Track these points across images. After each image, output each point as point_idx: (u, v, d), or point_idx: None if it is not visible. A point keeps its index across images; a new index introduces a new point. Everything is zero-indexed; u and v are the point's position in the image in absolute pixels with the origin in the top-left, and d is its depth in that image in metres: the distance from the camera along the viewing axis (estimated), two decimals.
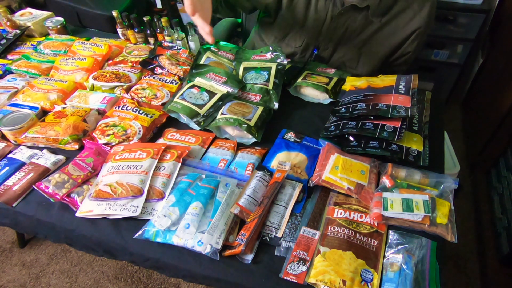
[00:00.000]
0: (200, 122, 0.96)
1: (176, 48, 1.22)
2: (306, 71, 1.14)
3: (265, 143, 0.95)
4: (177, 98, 1.00)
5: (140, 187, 0.79)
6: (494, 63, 1.91)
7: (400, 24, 1.05)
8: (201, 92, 1.02)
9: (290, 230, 0.75)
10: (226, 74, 1.06)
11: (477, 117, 2.03)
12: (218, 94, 1.02)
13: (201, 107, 0.98)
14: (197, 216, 0.73)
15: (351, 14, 1.05)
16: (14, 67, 1.18)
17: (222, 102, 1.00)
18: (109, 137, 0.92)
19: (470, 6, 1.83)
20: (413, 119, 0.95)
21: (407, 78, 0.97)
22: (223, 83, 1.04)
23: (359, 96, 0.97)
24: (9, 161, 0.89)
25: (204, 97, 1.00)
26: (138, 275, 1.51)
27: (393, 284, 0.65)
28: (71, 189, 0.81)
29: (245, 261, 0.71)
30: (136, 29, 1.32)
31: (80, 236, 0.78)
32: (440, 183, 0.80)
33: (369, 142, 0.87)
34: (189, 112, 0.97)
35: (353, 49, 1.12)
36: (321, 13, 1.09)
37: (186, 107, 0.97)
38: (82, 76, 1.14)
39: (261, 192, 0.80)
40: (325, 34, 1.12)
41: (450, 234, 0.72)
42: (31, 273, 1.52)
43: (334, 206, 0.79)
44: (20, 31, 1.34)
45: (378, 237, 0.73)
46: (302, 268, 0.68)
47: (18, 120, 0.95)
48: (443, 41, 1.99)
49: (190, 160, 0.89)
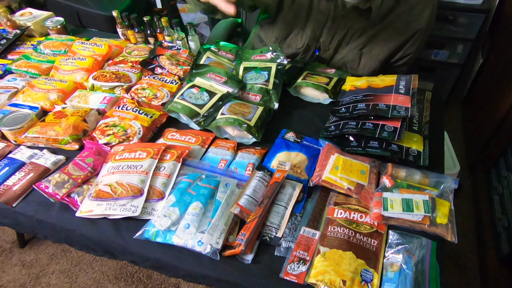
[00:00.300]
0: (200, 122, 0.96)
1: (176, 48, 1.22)
2: (306, 71, 1.14)
3: (265, 143, 0.95)
4: (177, 98, 1.00)
5: (140, 187, 0.79)
6: (494, 63, 1.91)
7: (401, 25, 1.05)
8: (201, 92, 1.02)
9: (290, 230, 0.75)
10: (226, 74, 1.06)
11: (477, 117, 2.03)
12: (218, 94, 1.02)
13: (201, 107, 0.98)
14: (197, 216, 0.73)
15: (353, 15, 1.05)
16: (14, 67, 1.18)
17: (222, 102, 1.00)
18: (109, 137, 0.92)
19: (470, 6, 1.83)
20: (413, 119, 0.95)
21: (407, 78, 0.97)
22: (223, 83, 1.04)
23: (359, 96, 0.97)
24: (9, 161, 0.89)
25: (204, 97, 1.00)
26: (138, 275, 1.51)
27: (393, 284, 0.65)
28: (71, 189, 0.81)
29: (245, 261, 0.71)
30: (136, 29, 1.32)
31: (80, 236, 0.78)
32: (440, 183, 0.80)
33: (369, 142, 0.87)
34: (189, 112, 0.97)
35: (354, 50, 1.12)
36: (323, 14, 1.09)
37: (186, 107, 0.97)
38: (82, 76, 1.14)
39: (261, 192, 0.80)
40: (327, 35, 1.12)
41: (450, 234, 0.72)
42: (31, 273, 1.52)
43: (334, 206, 0.79)
44: (20, 31, 1.34)
45: (378, 237, 0.73)
46: (302, 268, 0.68)
47: (18, 120, 0.95)
48: (443, 41, 1.99)
49: (190, 160, 0.89)
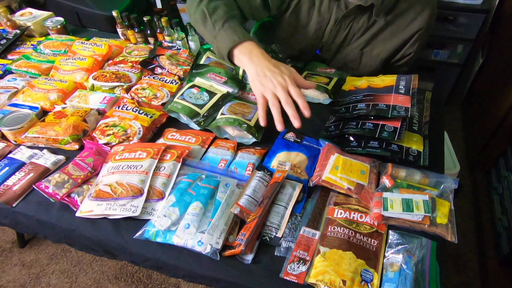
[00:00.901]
0: (200, 122, 0.96)
1: (176, 48, 1.22)
2: (306, 71, 1.14)
3: (265, 143, 0.95)
4: (177, 98, 1.00)
5: (140, 187, 0.79)
6: (494, 63, 1.91)
7: (402, 25, 1.05)
8: (201, 92, 1.02)
9: (290, 230, 0.75)
10: (226, 74, 1.06)
11: (477, 117, 2.03)
12: (218, 94, 1.02)
13: (201, 107, 0.98)
14: (197, 216, 0.73)
15: (355, 15, 1.05)
16: (14, 67, 1.18)
17: (222, 102, 1.00)
18: (109, 137, 0.92)
19: (470, 6, 1.83)
20: (413, 119, 0.95)
21: (407, 78, 0.97)
22: (223, 83, 1.04)
23: (359, 96, 0.97)
24: (9, 161, 0.89)
25: (204, 97, 1.00)
26: (138, 275, 1.51)
27: (393, 284, 0.65)
28: (71, 189, 0.81)
29: (245, 261, 0.71)
30: (136, 29, 1.32)
31: (80, 236, 0.78)
32: (440, 183, 0.80)
33: (369, 142, 0.87)
34: (189, 112, 0.97)
35: (355, 50, 1.12)
36: (325, 15, 1.08)
37: (186, 107, 0.97)
38: (82, 76, 1.14)
39: (261, 192, 0.80)
40: (328, 36, 1.12)
41: (450, 234, 0.72)
42: (31, 273, 1.52)
43: (334, 206, 0.79)
44: (20, 31, 1.34)
45: (378, 237, 0.73)
46: (302, 268, 0.68)
47: (18, 120, 0.95)
48: (443, 41, 1.99)
49: (190, 160, 0.89)
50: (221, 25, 0.90)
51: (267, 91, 0.82)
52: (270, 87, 0.82)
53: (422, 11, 1.03)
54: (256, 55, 0.86)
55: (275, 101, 0.81)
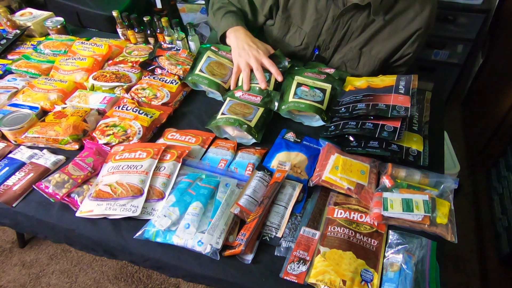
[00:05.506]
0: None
1: (176, 49, 1.22)
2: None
3: (265, 143, 0.95)
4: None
5: (140, 187, 0.79)
6: (494, 63, 1.90)
7: (401, 24, 1.05)
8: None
9: (290, 230, 0.75)
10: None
11: (477, 117, 2.03)
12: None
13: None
14: (197, 216, 0.73)
15: (353, 13, 1.05)
16: (14, 67, 1.18)
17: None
18: (109, 137, 0.92)
19: (470, 6, 1.83)
20: (413, 119, 0.95)
21: (407, 78, 0.97)
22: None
23: (359, 96, 0.97)
24: (9, 161, 0.89)
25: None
26: (138, 275, 1.51)
27: (393, 284, 0.65)
28: (71, 189, 0.81)
29: (245, 261, 0.71)
30: (136, 29, 1.32)
31: (80, 236, 0.78)
32: (440, 183, 0.80)
33: (369, 142, 0.87)
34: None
35: (354, 50, 1.12)
36: (322, 13, 1.08)
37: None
38: (82, 76, 1.14)
39: (261, 192, 0.80)
40: (326, 34, 1.12)
41: (450, 234, 0.72)
42: (31, 273, 1.52)
43: (334, 206, 0.79)
44: (20, 31, 1.34)
45: (378, 237, 0.73)
46: (302, 268, 0.68)
47: (18, 120, 0.95)
48: (443, 41, 1.99)
49: (190, 160, 0.89)
50: (220, 17, 1.14)
51: (242, 60, 1.05)
52: (245, 57, 1.04)
53: (421, 11, 1.03)
54: (241, 34, 1.09)
55: (246, 68, 1.04)
